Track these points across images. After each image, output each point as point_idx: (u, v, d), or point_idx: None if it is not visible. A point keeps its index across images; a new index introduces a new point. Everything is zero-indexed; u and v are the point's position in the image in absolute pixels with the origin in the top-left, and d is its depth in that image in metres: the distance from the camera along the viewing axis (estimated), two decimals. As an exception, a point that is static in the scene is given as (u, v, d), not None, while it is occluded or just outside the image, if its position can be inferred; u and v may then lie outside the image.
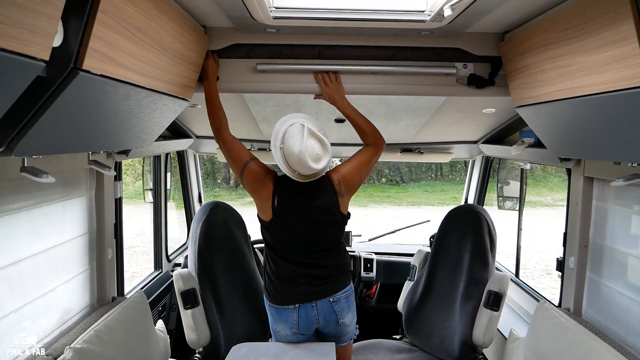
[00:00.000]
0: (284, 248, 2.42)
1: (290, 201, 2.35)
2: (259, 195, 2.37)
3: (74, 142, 1.72)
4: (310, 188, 2.36)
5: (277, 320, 2.47)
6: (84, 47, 1.31)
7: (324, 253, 2.43)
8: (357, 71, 2.45)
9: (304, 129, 2.21)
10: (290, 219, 2.35)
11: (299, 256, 2.41)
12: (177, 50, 1.99)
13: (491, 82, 2.44)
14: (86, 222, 2.43)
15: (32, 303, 1.99)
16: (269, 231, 2.41)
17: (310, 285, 2.42)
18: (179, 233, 4.80)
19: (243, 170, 2.38)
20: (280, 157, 2.25)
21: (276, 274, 2.44)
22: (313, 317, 2.44)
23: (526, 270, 7.56)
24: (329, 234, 2.44)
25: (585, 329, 2.23)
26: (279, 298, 2.44)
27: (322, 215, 2.39)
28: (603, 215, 2.45)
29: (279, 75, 2.45)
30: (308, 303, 2.41)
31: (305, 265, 2.41)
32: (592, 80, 1.67)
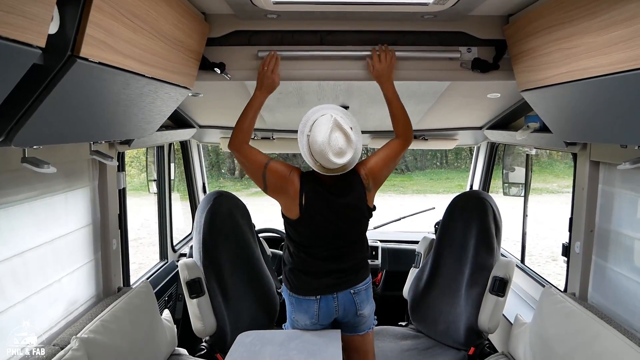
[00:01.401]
0: (309, 243, 2.40)
1: (318, 199, 2.31)
2: (286, 193, 2.33)
3: (74, 132, 1.70)
4: (338, 184, 2.33)
5: (297, 310, 2.46)
6: (81, 34, 1.29)
7: (348, 247, 2.42)
8: (360, 57, 2.41)
9: (331, 120, 2.17)
10: (318, 217, 2.32)
11: (323, 251, 2.39)
12: (177, 38, 1.97)
13: (496, 66, 2.39)
14: (90, 213, 2.43)
15: (38, 294, 2.00)
16: (295, 228, 2.38)
17: (333, 277, 2.41)
18: (184, 224, 4.81)
19: (265, 172, 2.32)
20: (305, 146, 2.22)
21: (299, 267, 2.43)
22: (333, 308, 2.43)
23: (532, 257, 7.55)
24: (356, 229, 2.44)
25: (591, 314, 2.22)
26: (300, 289, 2.43)
27: (351, 212, 2.37)
28: (609, 199, 2.42)
29: (281, 62, 2.41)
30: (329, 294, 2.41)
31: (329, 259, 2.40)
32: (598, 62, 1.64)
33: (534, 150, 3.16)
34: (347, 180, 2.34)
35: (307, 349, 2.27)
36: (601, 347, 2.06)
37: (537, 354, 2.47)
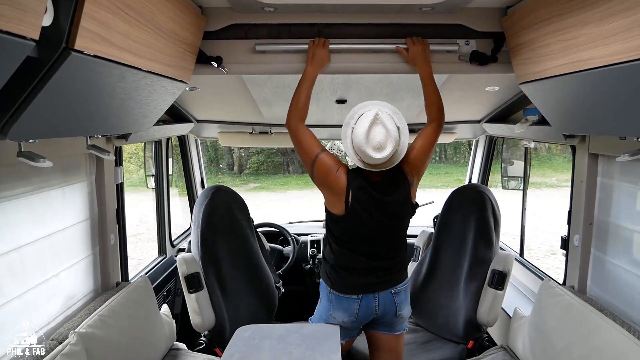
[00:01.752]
0: (353, 240, 2.37)
1: (365, 196, 2.28)
2: (331, 189, 2.29)
3: (70, 126, 1.70)
4: (385, 181, 2.31)
5: (336, 307, 2.43)
6: (75, 26, 1.28)
7: (392, 245, 2.40)
8: (357, 50, 2.39)
9: (373, 114, 2.15)
10: (364, 215, 2.28)
11: (367, 248, 2.37)
12: (173, 31, 1.95)
13: (494, 58, 2.39)
14: (87, 207, 2.42)
15: (36, 289, 2.00)
16: (339, 224, 2.35)
17: (375, 276, 2.39)
18: (183, 219, 4.80)
19: (314, 163, 2.30)
20: (349, 139, 2.21)
21: (341, 264, 2.40)
22: (373, 307, 2.42)
23: (531, 251, 7.56)
24: (400, 227, 2.41)
25: (590, 306, 2.22)
26: (342, 286, 2.40)
27: (397, 209, 2.34)
28: (608, 192, 2.42)
29: (278, 56, 2.40)
30: (370, 294, 2.39)
31: (373, 257, 2.37)
32: (596, 53, 1.64)
33: (532, 143, 3.15)
34: (393, 177, 2.32)
35: (305, 343, 2.27)
36: (600, 340, 2.06)
37: (536, 347, 2.48)
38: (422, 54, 2.33)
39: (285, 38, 2.39)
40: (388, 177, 2.31)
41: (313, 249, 4.11)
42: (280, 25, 2.38)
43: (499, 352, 2.78)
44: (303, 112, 2.36)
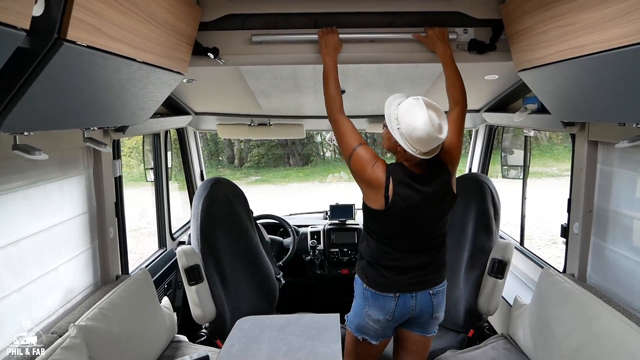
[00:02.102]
0: (393, 236, 2.27)
1: (406, 190, 2.17)
2: (368, 183, 2.20)
3: (64, 118, 1.68)
4: (426, 172, 2.22)
5: (372, 305, 2.32)
6: (67, 16, 1.27)
7: (432, 242, 2.30)
8: (355, 39, 2.37)
9: (418, 102, 2.08)
10: (405, 209, 2.17)
11: (407, 245, 2.26)
12: (168, 22, 1.94)
13: (492, 47, 2.37)
14: (85, 201, 2.42)
15: (34, 282, 2.00)
16: (378, 219, 2.25)
17: (414, 275, 2.28)
18: (183, 213, 4.80)
19: (351, 156, 2.23)
20: (400, 138, 2.11)
21: (379, 261, 2.29)
22: (410, 307, 2.31)
23: (532, 241, 7.56)
24: (441, 221, 2.30)
25: (590, 294, 2.22)
26: (379, 284, 2.30)
27: (439, 202, 2.24)
28: (608, 179, 2.41)
29: (275, 47, 2.38)
30: (408, 293, 2.29)
31: (412, 254, 2.27)
32: (594, 38, 1.62)
33: (532, 131, 3.14)
34: (434, 169, 2.23)
35: (305, 333, 2.27)
36: (600, 327, 2.06)
37: (537, 335, 2.48)
38: (441, 36, 2.31)
39: (281, 28, 2.37)
40: (428, 168, 2.22)
41: (313, 240, 4.11)
42: (277, 15, 2.35)
43: (500, 340, 2.79)
44: (337, 101, 2.31)
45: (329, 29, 2.33)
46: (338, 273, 4.09)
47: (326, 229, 4.17)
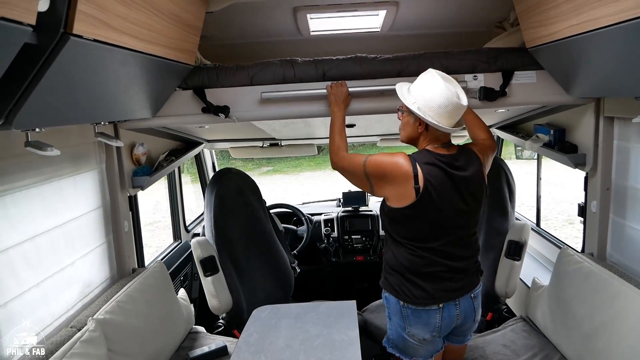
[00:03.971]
0: (426, 238, 2.02)
1: (438, 172, 1.97)
2: (394, 179, 1.97)
3: (74, 113, 1.68)
4: (456, 154, 2.05)
5: (414, 323, 2.07)
6: (73, 10, 1.26)
7: (467, 239, 2.09)
8: (364, 93, 2.37)
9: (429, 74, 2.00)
10: (439, 196, 1.96)
11: (443, 245, 2.02)
12: (174, 13, 1.92)
13: (503, 93, 2.37)
14: (99, 195, 2.43)
15: (52, 277, 2.01)
16: (408, 219, 2.00)
17: (455, 280, 2.06)
18: (196, 205, 4.82)
19: (365, 168, 2.04)
20: (420, 113, 1.97)
21: (413, 270, 2.03)
22: (455, 317, 2.08)
23: (548, 221, 7.48)
24: (477, 214, 2.10)
25: (610, 272, 2.19)
26: (420, 297, 2.03)
27: (473, 188, 2.04)
28: (625, 155, 2.36)
29: (285, 102, 2.41)
30: (452, 301, 2.06)
31: (449, 257, 2.04)
32: (608, 10, 1.57)
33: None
34: (464, 151, 2.08)
35: (322, 321, 2.27)
36: (621, 306, 2.03)
37: (557, 316, 2.45)
38: None
39: (290, 82, 2.40)
40: (458, 151, 2.07)
41: (327, 228, 4.11)
42: (285, 65, 2.39)
43: (519, 322, 2.77)
44: (342, 148, 2.22)
45: (338, 83, 2.32)
46: (353, 260, 4.09)
47: (339, 217, 4.16)
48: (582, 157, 2.53)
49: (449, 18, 2.79)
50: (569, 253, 2.49)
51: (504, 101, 2.40)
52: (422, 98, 1.97)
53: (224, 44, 3.06)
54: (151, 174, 2.69)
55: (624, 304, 2.02)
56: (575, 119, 2.61)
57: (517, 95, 2.39)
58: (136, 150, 2.63)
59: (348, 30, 2.93)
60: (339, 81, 2.35)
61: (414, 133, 2.07)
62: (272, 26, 2.80)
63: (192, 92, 2.40)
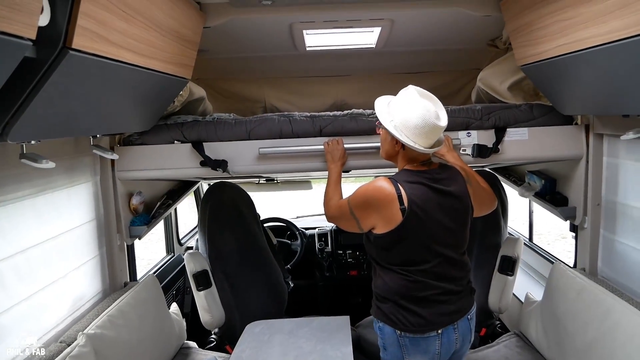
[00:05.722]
0: (417, 258, 1.95)
1: (421, 189, 1.93)
2: (379, 204, 1.92)
3: (71, 126, 1.69)
4: (437, 169, 2.02)
5: (413, 352, 1.98)
6: (73, 25, 1.28)
7: (458, 259, 2.03)
8: (360, 150, 2.43)
9: (409, 91, 1.94)
10: (425, 215, 1.91)
11: (434, 266, 1.95)
12: (172, 28, 1.95)
13: (496, 149, 2.44)
14: (93, 208, 2.42)
15: (43, 291, 1.99)
16: (397, 242, 1.94)
17: (451, 302, 1.99)
18: (190, 218, 4.81)
19: (350, 207, 2.03)
20: (396, 132, 1.92)
21: (407, 295, 1.96)
22: (454, 341, 2.01)
23: (541, 236, 7.52)
24: (464, 233, 2.06)
25: (602, 288, 2.20)
26: (417, 325, 1.95)
27: (459, 205, 2.01)
28: (614, 171, 2.39)
29: (285, 158, 2.47)
30: (450, 325, 1.99)
31: (442, 278, 1.97)
32: (595, 31, 1.62)
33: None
34: (446, 168, 2.07)
35: (316, 337, 2.27)
36: (613, 321, 2.04)
37: (549, 331, 2.46)
38: (447, 146, 2.26)
39: (287, 137, 2.45)
40: (439, 167, 2.05)
41: (321, 242, 4.11)
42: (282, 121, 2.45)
43: (512, 338, 2.77)
44: (335, 199, 2.21)
45: (334, 141, 2.36)
46: (347, 275, 4.08)
47: (333, 231, 4.17)
48: (572, 211, 2.59)
49: (442, 35, 2.84)
50: (561, 268, 2.50)
51: (496, 157, 2.46)
52: (399, 116, 1.92)
53: (222, 58, 3.09)
54: (149, 222, 2.69)
55: (615, 319, 2.03)
56: (566, 170, 2.66)
57: (509, 151, 2.46)
58: (134, 200, 2.63)
59: (343, 46, 2.97)
60: (335, 138, 2.39)
61: (391, 150, 2.04)
62: (269, 41, 2.84)
63: (190, 145, 2.44)
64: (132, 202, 2.62)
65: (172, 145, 2.46)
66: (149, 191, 2.83)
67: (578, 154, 2.48)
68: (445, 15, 2.45)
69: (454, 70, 3.43)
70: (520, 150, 2.47)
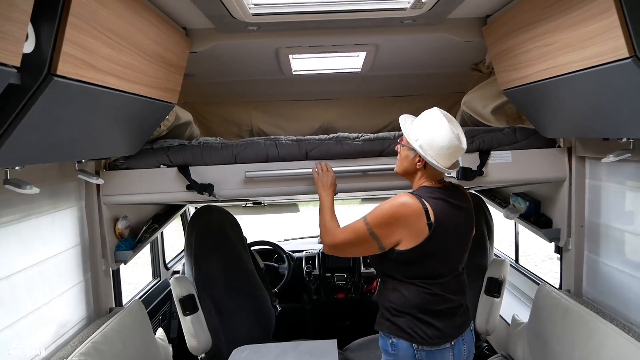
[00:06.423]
0: (437, 272, 2.00)
1: (443, 205, 1.97)
2: (405, 218, 1.92)
3: (56, 151, 1.69)
4: (452, 189, 2.08)
5: None
6: (57, 51, 1.29)
7: (462, 273, 2.12)
8: (347, 173, 2.46)
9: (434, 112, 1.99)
10: (447, 231, 1.96)
11: (450, 280, 2.02)
12: (157, 53, 1.96)
13: (480, 172, 2.47)
14: (78, 233, 2.40)
15: (26, 318, 1.96)
16: (421, 256, 1.95)
17: (459, 314, 2.06)
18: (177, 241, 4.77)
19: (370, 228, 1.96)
20: (421, 151, 1.96)
21: (425, 308, 1.97)
22: (463, 352, 2.05)
23: (528, 257, 7.54)
24: (469, 247, 2.14)
25: (586, 309, 2.22)
26: (434, 337, 1.97)
27: (470, 221, 2.11)
28: (597, 193, 2.43)
29: (271, 182, 2.48)
30: (459, 337, 2.04)
31: (454, 291, 2.04)
32: (574, 57, 1.67)
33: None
34: (455, 187, 2.12)
35: (303, 361, 2.24)
36: (598, 342, 2.05)
37: (536, 353, 2.46)
38: None
39: (273, 161, 2.47)
40: (452, 185, 2.11)
41: (308, 265, 4.09)
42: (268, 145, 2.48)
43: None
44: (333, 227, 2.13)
45: (324, 168, 2.35)
46: (334, 298, 4.06)
47: (321, 253, 4.15)
48: (556, 232, 2.61)
49: (427, 60, 2.90)
50: (547, 290, 2.52)
51: (481, 180, 2.48)
52: (425, 136, 1.96)
53: (209, 82, 3.12)
54: (134, 246, 2.67)
55: (600, 340, 2.04)
56: (549, 192, 2.70)
57: (494, 174, 2.49)
58: (119, 224, 2.61)
59: (329, 70, 3.01)
60: (324, 163, 2.38)
61: (411, 167, 2.06)
62: (255, 66, 2.87)
63: (176, 169, 2.45)
64: (118, 227, 2.60)
65: (158, 170, 2.46)
66: (135, 215, 2.81)
67: (561, 177, 2.52)
68: (429, 40, 2.51)
69: (439, 94, 3.48)
70: (504, 173, 2.50)
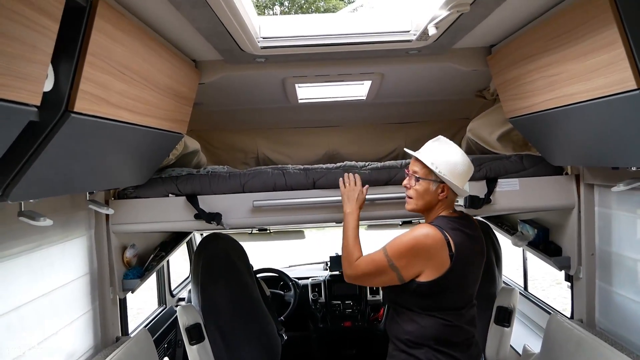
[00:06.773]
0: (456, 304, 1.97)
1: (463, 239, 1.94)
2: (428, 250, 1.89)
3: (69, 184, 1.70)
4: (466, 219, 2.06)
5: None
6: (75, 89, 1.32)
7: (475, 302, 2.08)
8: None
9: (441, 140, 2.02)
10: (467, 262, 1.94)
11: (466, 311, 1.99)
12: (169, 86, 2.00)
13: (488, 200, 2.48)
14: (87, 262, 2.40)
15: (35, 349, 1.95)
16: (442, 287, 1.91)
17: (473, 345, 2.03)
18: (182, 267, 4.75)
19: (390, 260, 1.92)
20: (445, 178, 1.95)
21: (443, 340, 1.93)
22: None
23: (535, 281, 7.47)
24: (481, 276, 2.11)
25: (600, 340, 2.18)
26: None
27: (483, 251, 2.07)
28: (607, 221, 2.42)
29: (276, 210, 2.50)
30: None
31: (469, 323, 2.01)
32: (580, 88, 1.68)
33: None
34: (466, 215, 2.10)
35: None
36: (613, 374, 2.02)
37: (548, 384, 2.42)
38: None
39: (280, 189, 2.50)
40: (464, 215, 2.08)
41: (315, 293, 4.06)
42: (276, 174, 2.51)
43: (511, 391, 2.71)
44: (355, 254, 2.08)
45: (352, 179, 2.31)
46: (341, 326, 4.01)
47: (327, 281, 4.12)
48: (566, 260, 2.58)
49: (431, 87, 2.92)
50: (559, 320, 2.49)
51: (488, 208, 2.49)
52: (445, 163, 1.94)
53: (216, 110, 3.15)
54: (142, 275, 2.67)
55: (615, 372, 2.01)
56: (558, 219, 2.68)
57: (501, 202, 2.49)
58: (127, 253, 2.62)
59: (335, 98, 3.04)
60: (354, 175, 2.33)
61: (434, 200, 2.00)
62: (262, 95, 2.91)
63: (185, 198, 2.47)
64: (126, 255, 2.61)
65: (166, 199, 2.47)
66: (142, 243, 2.81)
67: (570, 204, 2.51)
68: (434, 69, 2.54)
69: (443, 120, 3.51)
70: (512, 201, 2.50)
